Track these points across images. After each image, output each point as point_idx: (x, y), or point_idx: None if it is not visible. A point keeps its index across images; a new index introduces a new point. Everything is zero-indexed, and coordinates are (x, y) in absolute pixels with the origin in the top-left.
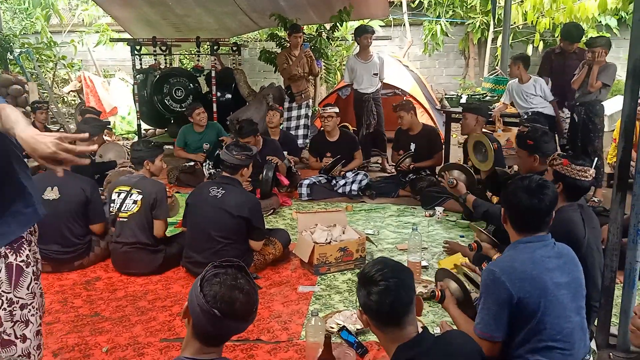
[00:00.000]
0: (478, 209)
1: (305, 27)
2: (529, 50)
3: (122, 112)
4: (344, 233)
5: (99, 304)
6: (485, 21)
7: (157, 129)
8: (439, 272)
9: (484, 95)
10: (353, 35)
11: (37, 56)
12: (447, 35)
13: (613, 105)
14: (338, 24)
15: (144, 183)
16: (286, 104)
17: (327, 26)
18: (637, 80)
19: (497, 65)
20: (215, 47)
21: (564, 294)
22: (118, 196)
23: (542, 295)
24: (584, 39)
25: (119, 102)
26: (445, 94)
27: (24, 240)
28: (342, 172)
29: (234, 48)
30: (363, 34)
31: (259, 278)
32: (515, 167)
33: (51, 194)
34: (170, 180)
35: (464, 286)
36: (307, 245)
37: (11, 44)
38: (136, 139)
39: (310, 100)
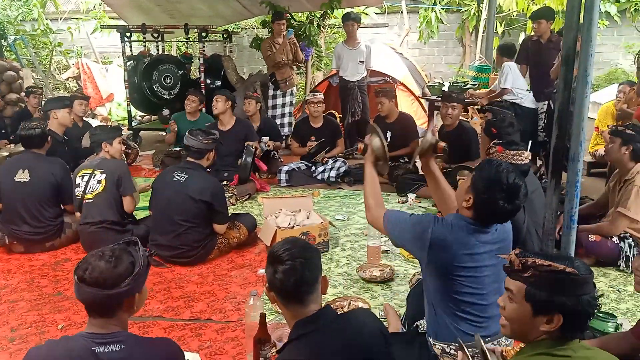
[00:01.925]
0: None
1: (296, 14)
2: (522, 38)
3: (119, 99)
4: (308, 218)
5: (63, 284)
6: (480, 9)
7: (153, 116)
8: (369, 126)
9: (466, 83)
10: None
11: (33, 43)
12: (443, 23)
13: (606, 94)
14: (329, 12)
15: (105, 163)
16: (270, 92)
17: (319, 14)
18: (570, 68)
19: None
20: (203, 34)
21: (490, 264)
22: (82, 179)
23: (456, 259)
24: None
25: (116, 88)
26: (428, 82)
27: None
28: (325, 159)
29: (225, 35)
30: (346, 21)
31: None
32: None
33: (22, 176)
34: (155, 163)
35: (385, 145)
36: (271, 229)
37: (5, 30)
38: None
39: (294, 88)
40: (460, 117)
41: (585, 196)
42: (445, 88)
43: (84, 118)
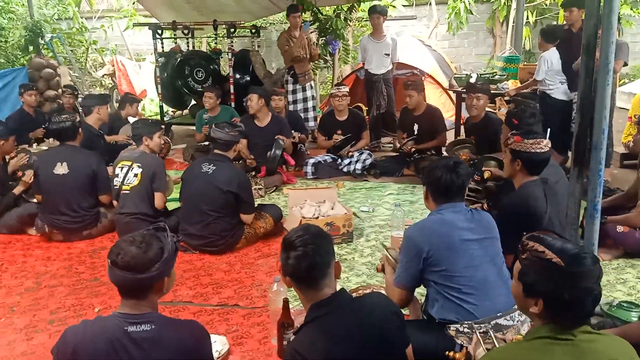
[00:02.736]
0: None
1: (323, 8)
2: None
3: (152, 95)
4: (332, 209)
5: (99, 270)
6: None
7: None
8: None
9: (494, 74)
10: None
11: (69, 41)
12: (472, 14)
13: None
14: (356, 5)
15: (144, 157)
16: (290, 87)
17: (346, 7)
18: (591, 57)
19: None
20: (231, 30)
21: (474, 248)
22: (121, 170)
23: (449, 247)
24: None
25: (149, 84)
26: (455, 74)
27: None
28: (350, 153)
29: (253, 30)
30: (372, 14)
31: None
32: None
33: (61, 168)
34: (185, 157)
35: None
36: (295, 219)
37: (42, 29)
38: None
39: (312, 82)
40: (487, 108)
41: (617, 188)
42: (473, 79)
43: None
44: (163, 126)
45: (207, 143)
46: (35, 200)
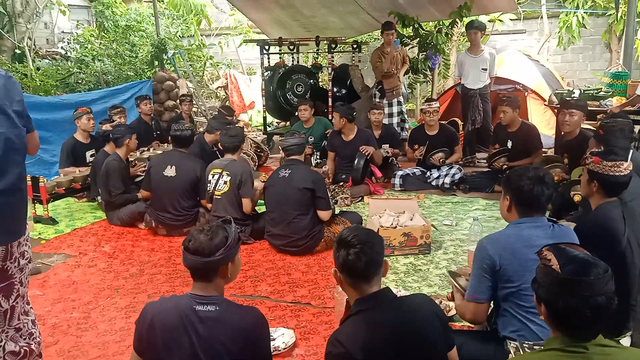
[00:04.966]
0: None
1: (425, 24)
2: None
3: (259, 106)
4: (411, 220)
5: None
6: (625, 12)
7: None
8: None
9: (599, 90)
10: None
11: (189, 56)
12: (585, 27)
13: None
14: (457, 20)
15: (232, 165)
16: (376, 101)
17: (447, 22)
18: None
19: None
20: (332, 45)
21: None
22: (213, 177)
23: (521, 264)
24: None
25: (257, 96)
26: (555, 90)
27: None
28: (442, 159)
29: (354, 46)
30: (469, 29)
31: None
32: None
33: (170, 171)
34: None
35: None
36: (374, 227)
37: (166, 46)
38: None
39: (402, 97)
40: (584, 125)
41: None
42: (576, 95)
43: None
44: (265, 136)
45: None
46: (139, 195)
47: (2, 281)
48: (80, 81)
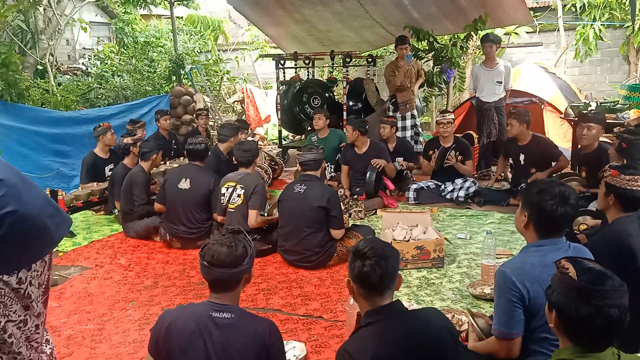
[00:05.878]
0: None
1: (441, 37)
2: None
3: (275, 120)
4: (424, 233)
5: None
6: None
7: (302, 136)
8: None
9: (616, 102)
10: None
11: (206, 71)
12: (602, 40)
13: None
14: (473, 33)
15: (245, 178)
16: (390, 114)
17: (462, 35)
18: None
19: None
20: (347, 60)
21: None
22: (227, 190)
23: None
24: None
25: (273, 110)
26: (572, 103)
27: None
28: (460, 157)
29: (369, 59)
30: (484, 42)
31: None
32: None
33: (184, 184)
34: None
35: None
36: (387, 241)
37: (184, 61)
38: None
39: (415, 111)
40: (602, 138)
41: None
42: (592, 108)
43: None
44: (280, 149)
45: None
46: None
47: (46, 292)
48: (100, 96)
